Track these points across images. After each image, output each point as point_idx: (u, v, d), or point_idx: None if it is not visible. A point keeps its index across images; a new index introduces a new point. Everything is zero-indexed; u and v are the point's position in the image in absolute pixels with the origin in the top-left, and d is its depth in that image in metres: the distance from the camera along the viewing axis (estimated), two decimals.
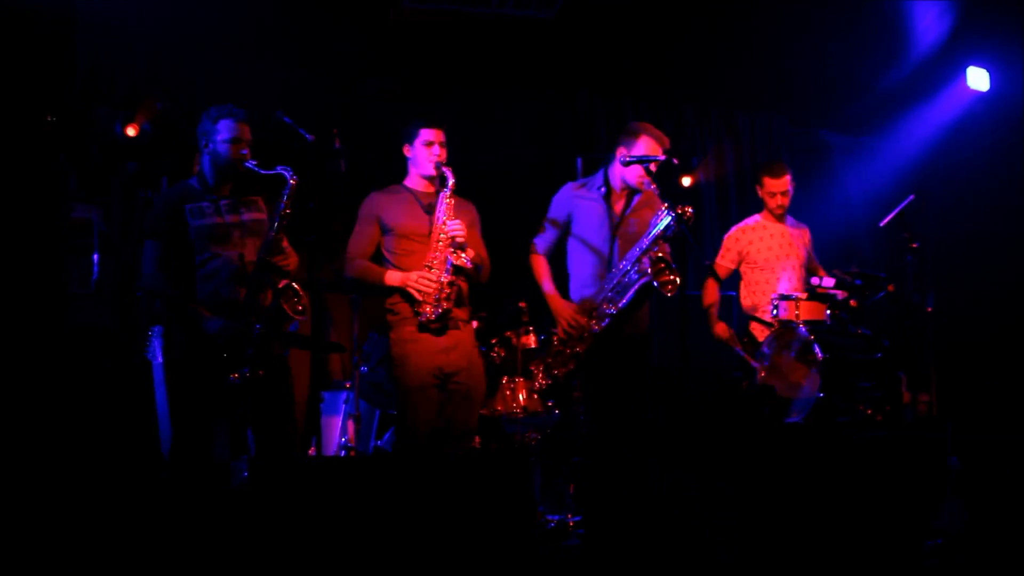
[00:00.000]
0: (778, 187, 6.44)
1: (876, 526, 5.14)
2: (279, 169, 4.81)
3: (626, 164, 5.40)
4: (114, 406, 5.84)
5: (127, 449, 5.67)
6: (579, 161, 7.42)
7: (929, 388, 7.10)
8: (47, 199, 4.69)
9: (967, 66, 8.03)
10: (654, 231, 5.28)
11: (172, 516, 4.67)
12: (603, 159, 5.69)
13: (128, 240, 6.52)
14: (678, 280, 5.23)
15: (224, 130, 4.87)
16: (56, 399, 4.66)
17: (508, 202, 7.22)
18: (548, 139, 8.00)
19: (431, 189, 5.32)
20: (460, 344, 5.26)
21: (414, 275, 5.15)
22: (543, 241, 5.64)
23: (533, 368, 5.62)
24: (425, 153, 5.27)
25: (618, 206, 5.55)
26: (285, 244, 4.94)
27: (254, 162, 4.85)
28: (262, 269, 4.84)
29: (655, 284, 5.22)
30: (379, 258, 5.32)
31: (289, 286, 4.84)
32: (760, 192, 6.52)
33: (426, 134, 5.28)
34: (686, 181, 8.07)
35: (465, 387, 5.25)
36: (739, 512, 5.84)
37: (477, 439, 5.81)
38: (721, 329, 6.38)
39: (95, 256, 6.18)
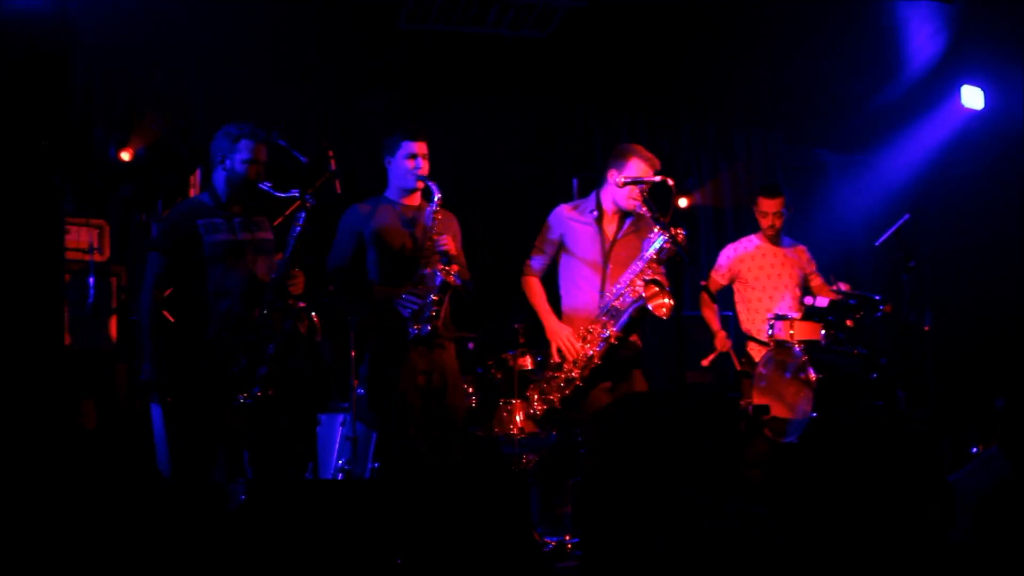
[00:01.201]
0: (771, 207, 6.44)
1: (875, 546, 5.13)
2: (294, 192, 4.82)
3: (621, 186, 5.39)
4: (111, 427, 5.83)
5: (124, 470, 5.65)
6: (575, 181, 7.43)
7: (928, 406, 7.10)
8: (44, 222, 4.68)
9: (962, 85, 8.05)
10: (647, 254, 5.28)
11: (169, 538, 4.65)
12: (598, 178, 5.69)
13: (125, 263, 6.52)
14: (672, 302, 5.22)
15: (243, 150, 4.89)
16: (53, 420, 4.65)
17: (504, 220, 7.24)
18: (544, 157, 8.01)
19: (413, 202, 5.27)
20: (443, 363, 5.22)
21: (401, 292, 5.12)
22: (537, 263, 5.63)
23: (529, 394, 5.61)
24: (407, 166, 5.21)
25: (610, 229, 5.54)
26: (295, 267, 4.94)
27: (268, 184, 4.87)
28: (276, 291, 4.84)
29: (649, 307, 5.21)
30: (360, 271, 5.29)
31: (304, 308, 4.84)
32: (756, 212, 6.54)
33: (408, 147, 5.21)
34: (683, 202, 8.07)
35: (448, 406, 5.21)
36: (738, 531, 5.84)
37: (471, 460, 5.80)
38: (720, 341, 6.38)
39: (91, 279, 6.17)
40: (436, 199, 5.13)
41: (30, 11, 4.79)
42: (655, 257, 5.27)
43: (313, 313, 4.86)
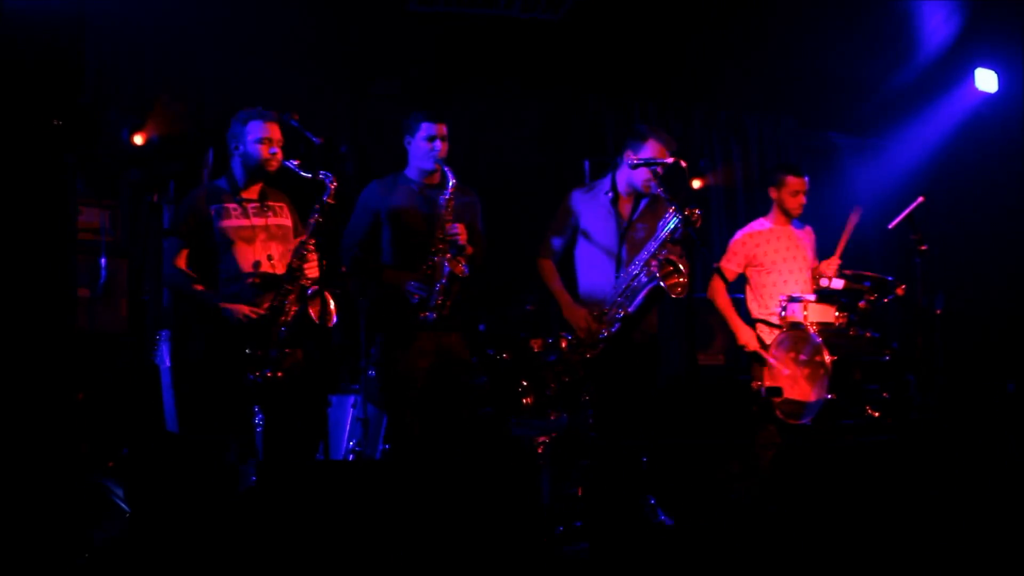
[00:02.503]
0: (801, 186, 6.38)
1: (882, 528, 5.13)
2: (321, 174, 4.80)
3: (634, 167, 5.40)
4: (121, 410, 5.85)
5: (134, 452, 5.67)
6: (587, 164, 7.41)
7: (938, 390, 7.08)
8: (56, 202, 4.68)
9: (975, 68, 8.03)
10: (662, 234, 5.27)
11: (181, 519, 4.67)
12: (610, 162, 5.68)
13: (136, 243, 6.52)
14: (686, 281, 5.21)
15: (254, 131, 4.91)
16: (64, 402, 4.66)
17: (516, 204, 7.23)
18: (556, 141, 8.00)
19: (432, 181, 5.27)
20: (452, 347, 5.22)
21: (410, 279, 5.12)
22: (552, 246, 5.63)
23: (543, 374, 5.61)
24: (426, 147, 5.21)
25: (625, 210, 5.54)
26: (312, 250, 4.93)
27: (295, 162, 4.86)
28: (291, 274, 4.84)
29: (664, 287, 5.20)
30: (376, 249, 5.28)
31: (319, 292, 4.83)
32: (777, 193, 6.43)
33: (427, 128, 5.21)
34: (696, 184, 8.05)
35: (457, 390, 5.21)
36: (747, 515, 5.84)
37: (481, 442, 5.81)
38: (747, 338, 6.30)
39: (102, 260, 6.18)
40: (450, 185, 5.12)
41: None
42: (670, 237, 5.26)
43: (329, 297, 4.84)
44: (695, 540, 4.97)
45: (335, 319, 4.87)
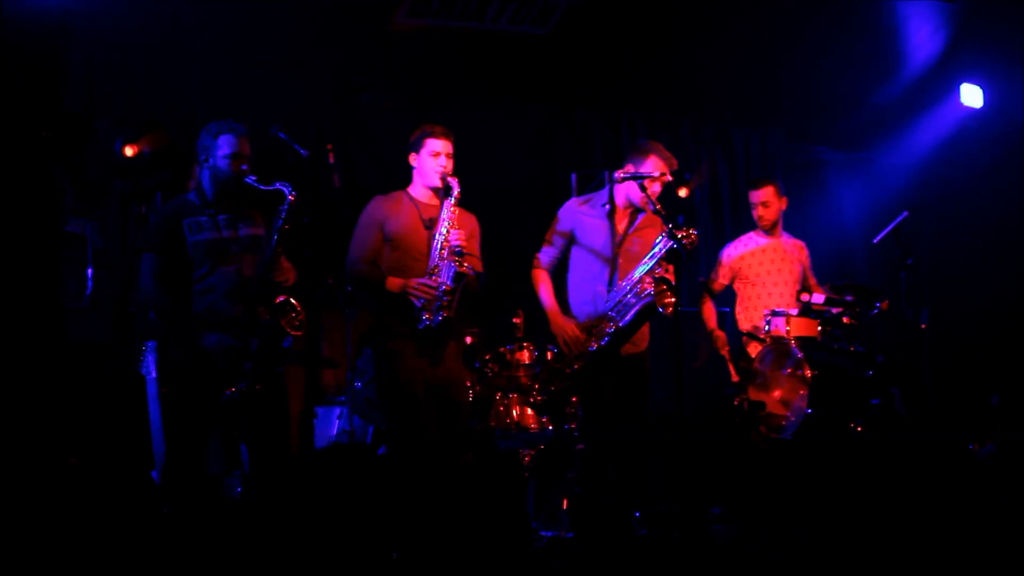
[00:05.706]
0: (757, 198, 6.44)
1: (865, 540, 5.15)
2: (278, 185, 4.82)
3: (620, 180, 5.41)
4: (108, 421, 5.84)
5: (120, 464, 5.67)
6: (573, 177, 7.44)
7: (923, 404, 7.10)
8: (42, 213, 4.69)
9: (961, 83, 8.06)
10: (658, 251, 5.28)
11: (166, 531, 4.67)
12: (598, 175, 5.70)
13: (123, 255, 6.52)
14: (676, 300, 5.22)
15: (224, 145, 4.89)
16: (51, 413, 4.66)
17: (503, 217, 7.23)
18: (543, 154, 8.01)
19: (434, 201, 5.27)
20: (448, 356, 5.22)
21: (414, 281, 5.12)
22: (546, 256, 5.63)
23: (530, 383, 5.62)
24: (431, 163, 5.22)
25: (621, 224, 5.54)
26: (283, 260, 4.93)
27: (254, 178, 4.85)
28: (260, 286, 4.84)
29: (658, 306, 5.22)
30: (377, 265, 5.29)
31: (287, 302, 4.83)
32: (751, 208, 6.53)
33: (433, 144, 5.23)
34: (682, 193, 8.09)
35: (452, 399, 5.21)
36: (732, 527, 5.85)
37: (470, 454, 5.81)
38: (720, 343, 6.38)
39: (89, 271, 6.18)
40: (454, 194, 5.15)
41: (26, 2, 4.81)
42: (664, 255, 5.27)
43: (297, 305, 4.83)
44: (679, 553, 4.99)
45: (303, 329, 4.86)
